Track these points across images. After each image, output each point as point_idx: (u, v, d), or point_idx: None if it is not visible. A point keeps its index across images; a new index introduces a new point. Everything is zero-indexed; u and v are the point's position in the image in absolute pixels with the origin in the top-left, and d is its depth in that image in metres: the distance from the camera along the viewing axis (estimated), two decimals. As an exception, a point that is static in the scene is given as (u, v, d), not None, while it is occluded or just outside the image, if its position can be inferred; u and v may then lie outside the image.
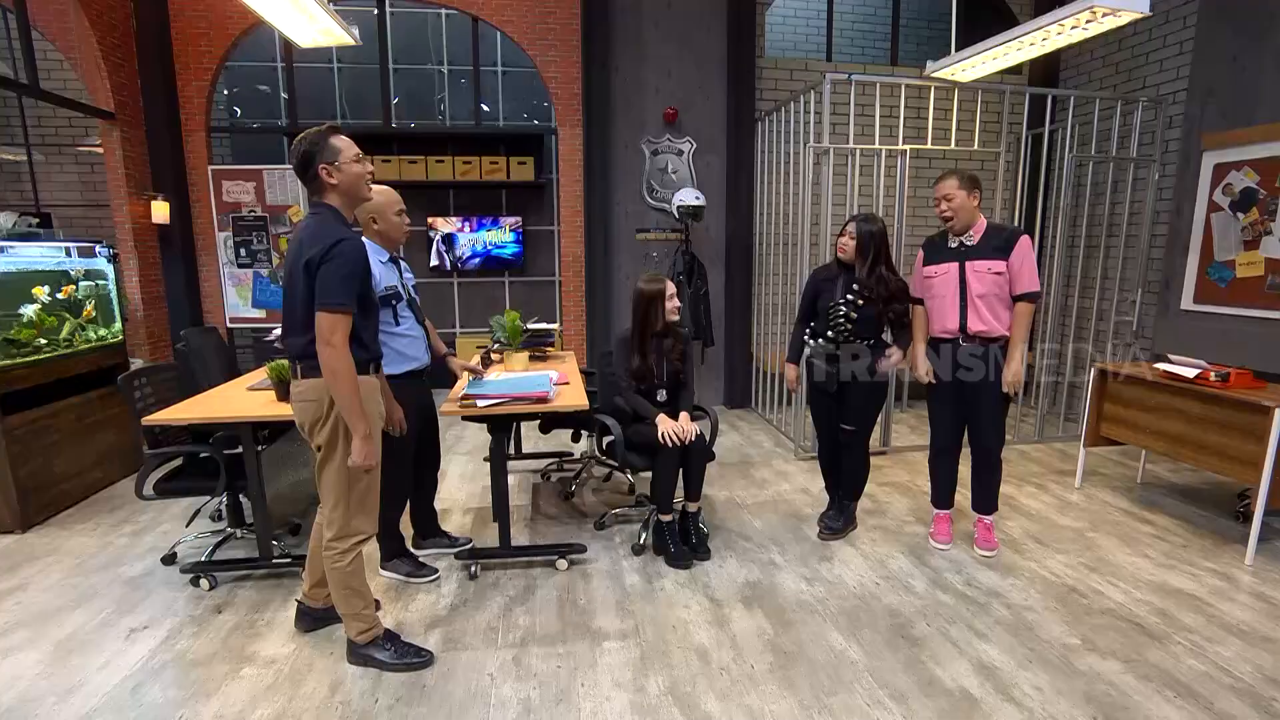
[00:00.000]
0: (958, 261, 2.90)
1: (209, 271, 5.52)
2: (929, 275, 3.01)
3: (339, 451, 2.09)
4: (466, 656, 2.32)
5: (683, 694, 2.12)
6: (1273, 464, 2.87)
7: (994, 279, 2.85)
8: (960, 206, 2.85)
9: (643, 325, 3.05)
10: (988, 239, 2.88)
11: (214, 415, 2.64)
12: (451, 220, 6.22)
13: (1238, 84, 4.33)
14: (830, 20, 6.43)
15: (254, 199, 5.36)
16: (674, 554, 2.97)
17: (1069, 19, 2.95)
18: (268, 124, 6.82)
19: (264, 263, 5.47)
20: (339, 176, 2.04)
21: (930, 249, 3.05)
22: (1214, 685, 2.17)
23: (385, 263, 2.66)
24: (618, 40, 5.31)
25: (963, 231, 2.91)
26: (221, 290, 5.50)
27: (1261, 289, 4.19)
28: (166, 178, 5.13)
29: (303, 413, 2.10)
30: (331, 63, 6.83)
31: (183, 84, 5.22)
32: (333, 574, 2.19)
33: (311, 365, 2.02)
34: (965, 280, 2.89)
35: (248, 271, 5.48)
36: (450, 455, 4.54)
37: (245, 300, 5.55)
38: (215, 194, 5.33)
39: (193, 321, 5.33)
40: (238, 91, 7.09)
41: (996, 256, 2.84)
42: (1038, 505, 3.68)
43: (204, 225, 5.43)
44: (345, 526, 2.16)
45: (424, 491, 3.08)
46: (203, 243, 5.47)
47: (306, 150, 2.00)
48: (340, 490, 2.13)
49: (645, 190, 5.58)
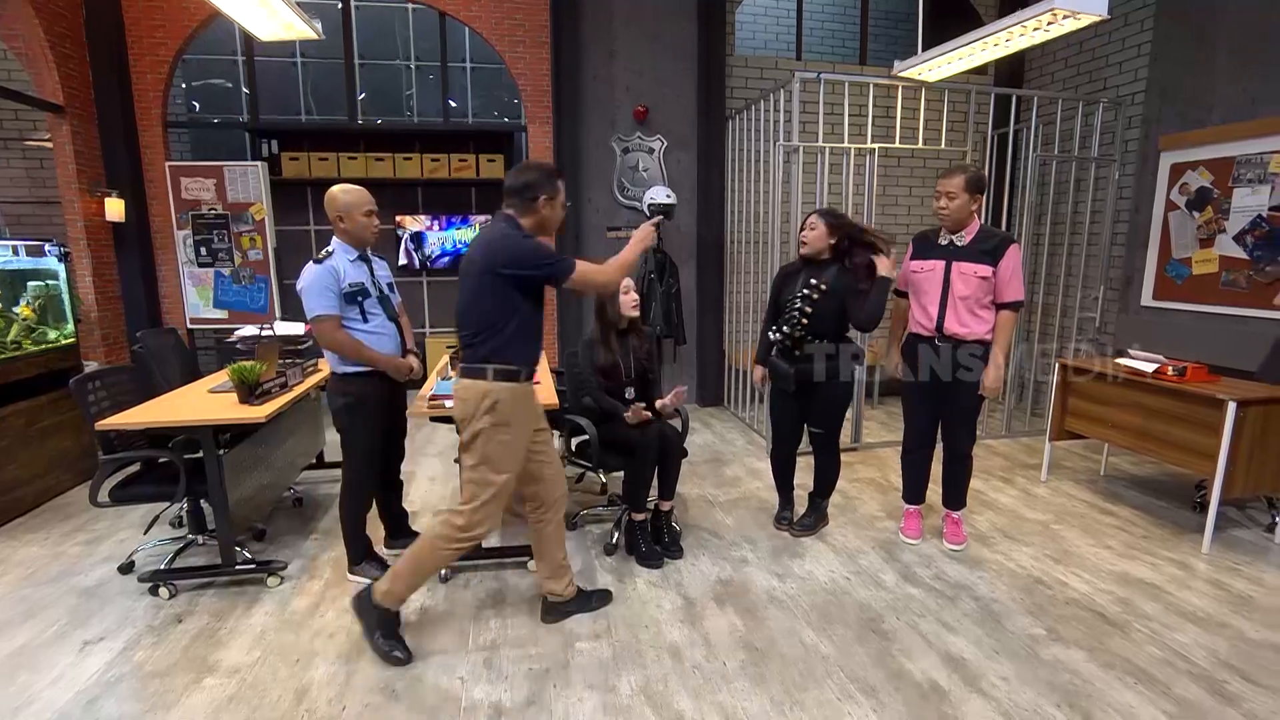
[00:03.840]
0: (945, 260, 2.92)
1: (168, 271, 5.38)
2: (915, 270, 3.03)
3: (482, 453, 2.21)
4: (437, 660, 2.30)
5: (655, 693, 2.13)
6: (1227, 456, 2.98)
7: (979, 283, 2.85)
8: (959, 206, 2.84)
9: (603, 322, 3.10)
10: (977, 242, 2.88)
11: (172, 419, 2.58)
12: (420, 219, 6.15)
13: (1192, 86, 4.47)
14: (800, 19, 6.49)
15: (214, 196, 5.24)
16: (646, 553, 2.97)
17: (1031, 20, 3.02)
18: (228, 119, 6.67)
19: (226, 262, 5.35)
20: (547, 210, 2.25)
21: (920, 243, 3.06)
22: (1171, 671, 2.24)
23: (353, 261, 2.64)
24: (587, 37, 5.30)
25: (955, 230, 2.92)
26: (181, 290, 5.37)
27: (1216, 286, 4.34)
28: (121, 174, 4.98)
29: (460, 409, 2.24)
30: (295, 57, 6.70)
31: (137, 77, 5.08)
32: (428, 557, 2.26)
33: (470, 368, 2.20)
34: (950, 280, 2.90)
35: (209, 271, 5.35)
36: (420, 457, 4.49)
37: (207, 301, 5.42)
38: (173, 191, 5.19)
39: (151, 323, 5.19)
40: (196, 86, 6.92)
41: (984, 261, 2.85)
42: (1005, 499, 3.76)
43: (162, 223, 5.29)
44: (470, 522, 2.24)
45: (392, 491, 3.05)
46: (160, 241, 5.33)
47: (539, 179, 2.21)
48: (479, 486, 2.23)
49: (616, 188, 5.58)
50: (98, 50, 4.84)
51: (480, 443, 2.21)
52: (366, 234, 2.66)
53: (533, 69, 5.50)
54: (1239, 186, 4.18)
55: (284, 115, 6.60)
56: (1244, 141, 4.13)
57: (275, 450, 3.29)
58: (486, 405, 2.18)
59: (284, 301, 5.48)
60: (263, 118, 5.99)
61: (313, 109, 6.97)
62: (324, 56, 6.58)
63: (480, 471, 2.23)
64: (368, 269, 2.71)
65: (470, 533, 2.24)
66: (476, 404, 2.18)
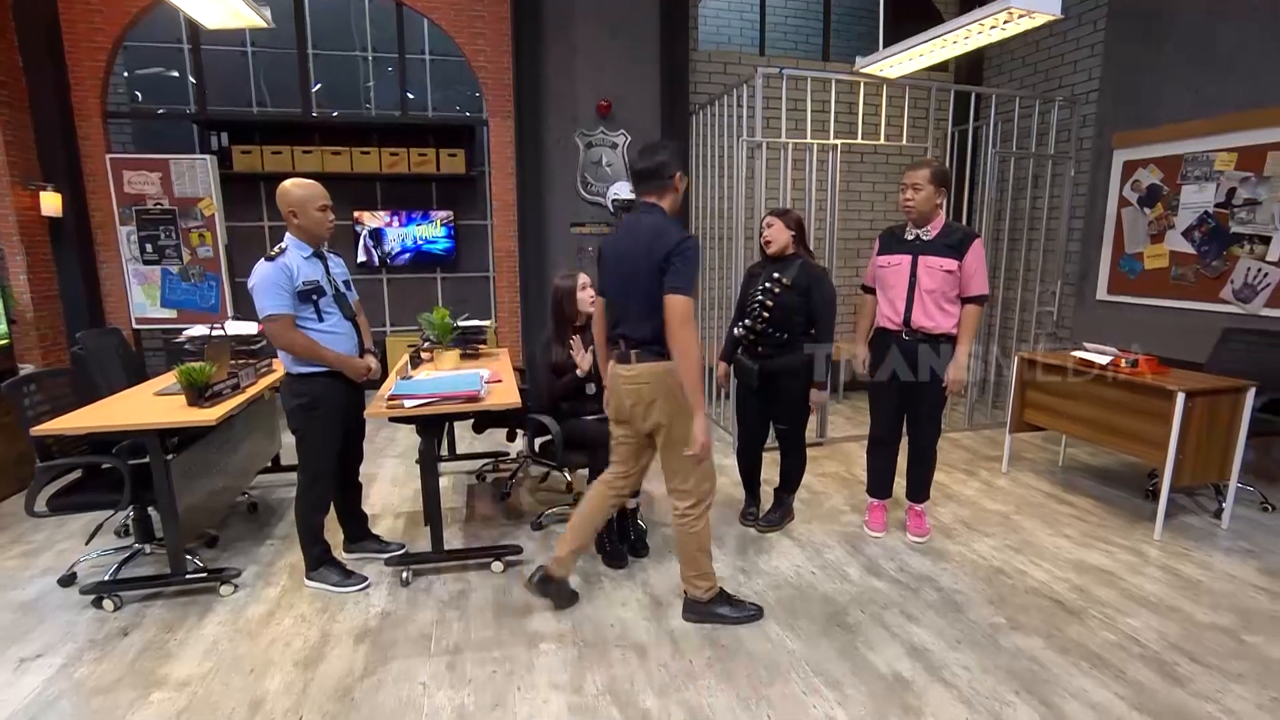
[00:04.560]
0: (912, 255, 2.98)
1: (111, 269, 5.20)
2: (882, 265, 3.09)
3: (682, 424, 2.29)
4: (397, 666, 2.27)
5: (621, 692, 2.13)
6: (1176, 445, 3.10)
7: (944, 276, 2.91)
8: (925, 198, 2.89)
9: (560, 320, 3.14)
10: (942, 236, 2.94)
11: (115, 423, 2.50)
12: (379, 214, 6.06)
13: (1143, 85, 4.63)
14: (763, 13, 6.55)
15: (160, 191, 5.08)
16: (611, 552, 2.98)
17: (988, 19, 3.09)
18: (174, 110, 6.46)
19: (174, 259, 5.19)
20: (681, 186, 2.33)
21: (887, 239, 3.12)
22: (1124, 654, 2.33)
23: (307, 258, 2.60)
24: (549, 30, 5.26)
25: (921, 224, 2.97)
26: (126, 289, 5.20)
27: (1167, 280, 4.51)
28: (58, 166, 4.80)
29: (636, 394, 2.32)
30: (245, 46, 6.52)
31: (73, 64, 4.89)
32: (689, 539, 2.44)
33: (651, 350, 2.27)
34: (916, 274, 2.96)
35: (155, 269, 5.19)
36: (381, 458, 4.43)
37: (154, 300, 5.26)
38: (115, 185, 5.02)
39: (93, 323, 5.01)
40: (139, 75, 6.68)
41: (949, 255, 2.91)
42: (967, 491, 3.86)
43: (103, 218, 5.11)
44: (698, 490, 2.39)
45: (351, 494, 3.01)
46: (102, 237, 5.15)
47: (670, 156, 2.27)
48: (688, 462, 2.32)
49: (579, 184, 5.56)
50: (29, 35, 4.65)
51: (672, 413, 2.30)
52: (321, 230, 2.61)
53: (494, 62, 5.46)
54: (1187, 184, 4.35)
55: (234, 107, 6.41)
56: (1191, 140, 4.30)
57: (228, 454, 3.21)
58: (673, 381, 2.26)
59: (237, 300, 5.34)
60: (211, 109, 5.81)
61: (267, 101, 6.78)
62: (276, 46, 6.40)
63: (682, 441, 2.31)
64: (323, 266, 2.66)
65: (705, 501, 2.43)
66: (662, 381, 2.28)
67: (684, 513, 2.43)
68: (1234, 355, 3.74)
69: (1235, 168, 4.07)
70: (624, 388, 2.34)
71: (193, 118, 5.83)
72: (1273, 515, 3.51)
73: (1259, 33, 3.95)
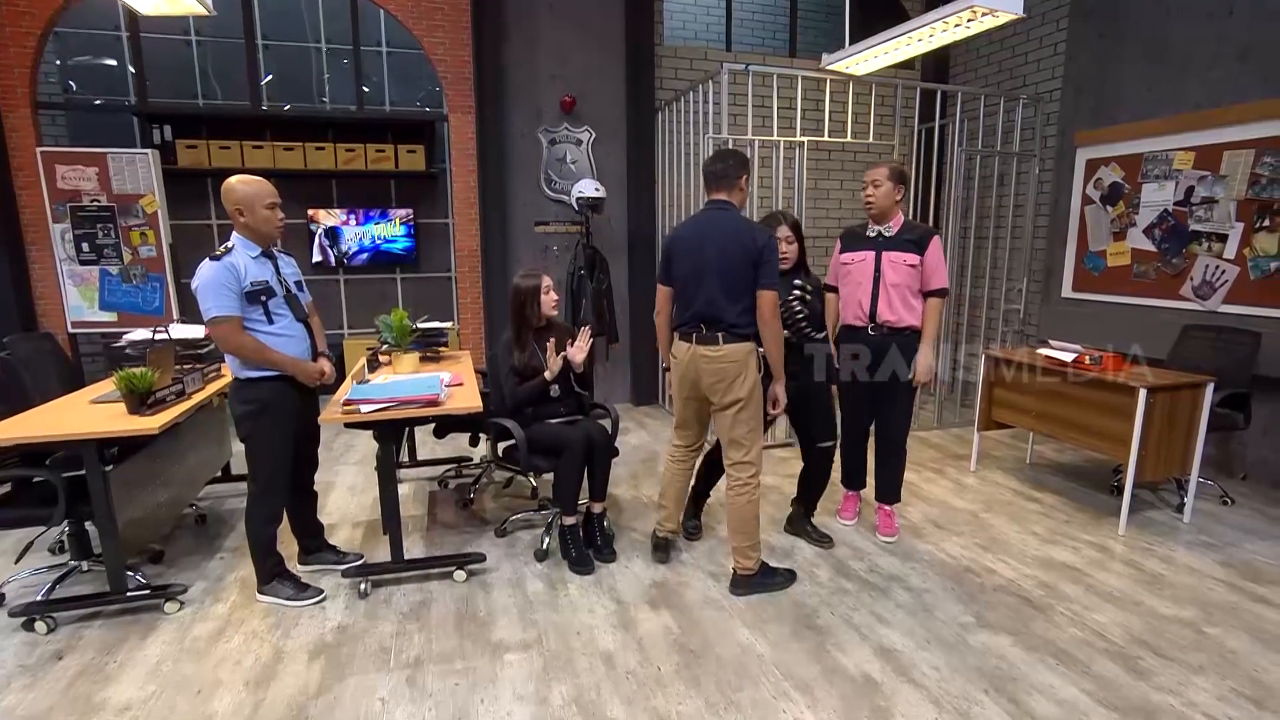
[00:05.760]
0: (875, 250, 3.08)
1: (44, 269, 5.01)
2: (846, 262, 3.18)
3: (755, 400, 2.65)
4: (354, 682, 2.22)
5: (588, 702, 2.12)
6: (1139, 441, 3.20)
7: (908, 270, 3.04)
8: (884, 194, 3.02)
9: (520, 322, 3.11)
10: (903, 233, 3.07)
11: (46, 433, 2.41)
12: (335, 213, 5.94)
13: (1104, 84, 4.78)
14: (729, 9, 6.60)
15: (97, 187, 4.91)
16: (577, 558, 2.96)
17: (951, 17, 3.15)
18: (112, 101, 6.26)
19: (113, 259, 5.02)
20: (746, 188, 2.73)
21: (848, 238, 3.23)
22: (1091, 650, 2.39)
23: (256, 257, 2.54)
24: (511, 23, 5.23)
25: (881, 221, 3.09)
26: (60, 291, 5.01)
27: (1129, 277, 4.65)
28: (-17, 161, 4.62)
29: (720, 373, 2.61)
30: (189, 35, 6.35)
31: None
32: (748, 509, 2.69)
33: (735, 333, 2.59)
34: (880, 269, 3.07)
35: (93, 269, 5.02)
36: (339, 465, 4.35)
37: (91, 302, 5.08)
38: (47, 180, 4.83)
39: (23, 327, 4.82)
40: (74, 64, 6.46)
41: (911, 250, 3.03)
42: (936, 490, 3.93)
43: (34, 216, 4.92)
44: (757, 460, 2.70)
45: (305, 503, 2.95)
46: (33, 236, 4.96)
47: (738, 160, 2.67)
48: (755, 433, 2.68)
49: (543, 181, 5.54)
50: (-47, 22, 4.47)
51: (750, 389, 2.62)
52: (269, 229, 2.55)
53: (453, 55, 5.40)
54: (1147, 182, 4.49)
55: (178, 99, 6.23)
56: (1150, 139, 4.44)
57: (173, 464, 3.12)
58: (753, 360, 2.63)
59: (183, 302, 5.19)
60: (153, 101, 5.64)
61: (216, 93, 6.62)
62: (223, 36, 6.25)
63: (753, 416, 2.66)
64: (272, 266, 2.60)
65: (759, 466, 2.70)
66: (745, 359, 2.61)
67: (745, 482, 2.68)
68: (1194, 351, 3.88)
69: (1193, 166, 4.22)
70: (707, 366, 2.63)
71: (133, 110, 5.66)
72: (1232, 509, 3.64)
73: (1211, 34, 4.11)
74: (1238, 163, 3.98)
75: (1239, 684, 2.21)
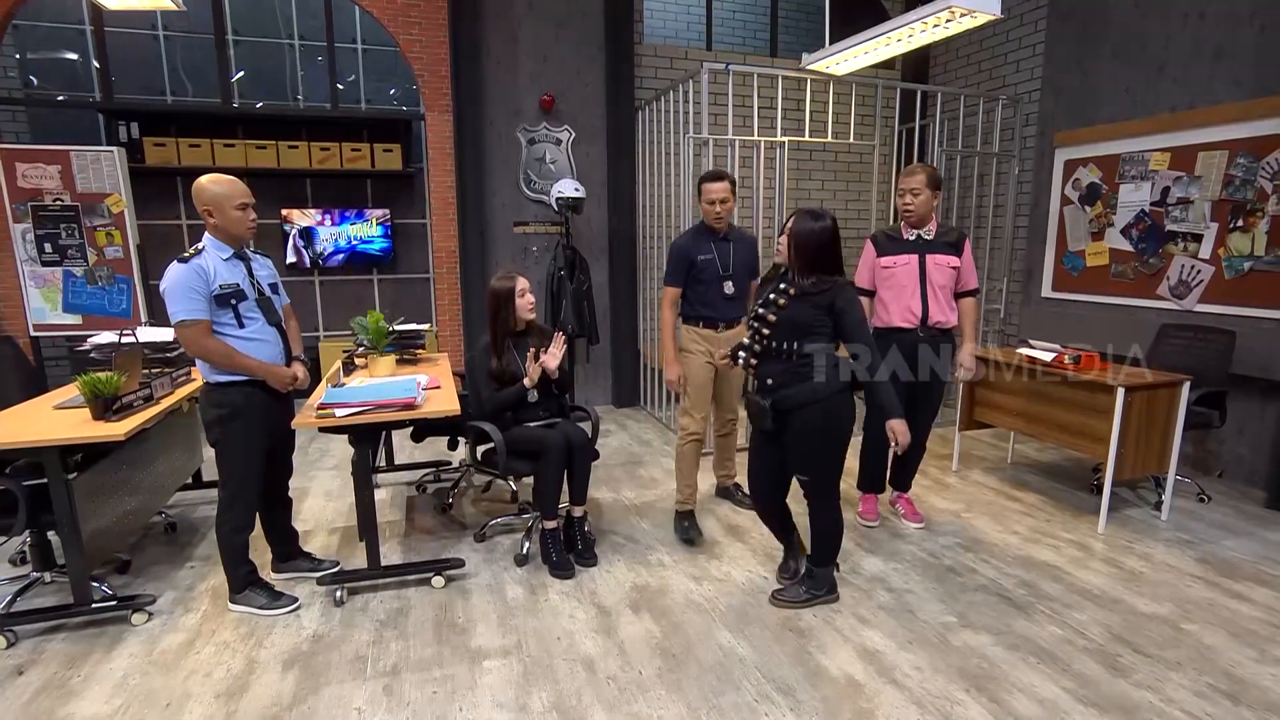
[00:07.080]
0: (918, 253, 3.17)
1: (4, 271, 4.91)
2: (886, 265, 3.24)
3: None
4: (330, 692, 2.20)
5: (568, 708, 2.12)
6: (1118, 439, 3.25)
7: (950, 273, 3.18)
8: (923, 201, 3.13)
9: (496, 325, 3.09)
10: (942, 235, 3.20)
11: (7, 440, 2.36)
12: (309, 213, 5.88)
13: (1082, 85, 4.86)
14: (709, 8, 6.62)
15: (60, 185, 4.82)
16: (558, 562, 2.96)
17: (930, 17, 3.19)
18: (76, 97, 6.15)
19: (77, 260, 4.93)
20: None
21: (884, 241, 3.29)
22: (1071, 648, 2.43)
23: (227, 259, 2.51)
24: (489, 21, 5.21)
25: (919, 225, 3.19)
26: (21, 293, 4.91)
27: (1107, 277, 4.73)
28: (-57, 159, 4.52)
29: None
30: (157, 30, 6.26)
31: (-39, 48, 4.61)
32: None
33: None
34: (926, 271, 3.16)
35: (56, 270, 4.93)
36: (315, 471, 4.30)
37: (54, 304, 4.98)
38: (6, 178, 4.74)
39: (-15, 331, 4.73)
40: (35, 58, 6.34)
41: (950, 252, 3.18)
42: (918, 490, 3.95)
43: (-4, 216, 4.83)
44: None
45: (279, 510, 2.91)
46: (-5, 237, 4.86)
47: None
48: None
49: (522, 181, 5.52)
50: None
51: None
52: (240, 229, 2.52)
53: (430, 52, 5.37)
54: (1124, 182, 4.57)
55: (146, 95, 6.13)
56: (1127, 140, 4.53)
57: (141, 471, 3.06)
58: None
59: (152, 304, 5.11)
60: (119, 97, 5.55)
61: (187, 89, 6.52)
62: (192, 30, 6.16)
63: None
64: (244, 268, 2.57)
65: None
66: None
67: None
68: (1171, 350, 3.95)
69: (1169, 167, 4.30)
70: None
71: (97, 106, 5.56)
72: (1209, 506, 3.72)
73: (1186, 36, 4.19)
74: (1212, 164, 4.07)
75: (1216, 679, 2.26)
